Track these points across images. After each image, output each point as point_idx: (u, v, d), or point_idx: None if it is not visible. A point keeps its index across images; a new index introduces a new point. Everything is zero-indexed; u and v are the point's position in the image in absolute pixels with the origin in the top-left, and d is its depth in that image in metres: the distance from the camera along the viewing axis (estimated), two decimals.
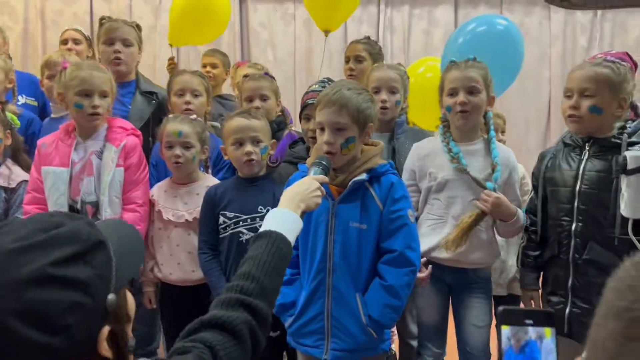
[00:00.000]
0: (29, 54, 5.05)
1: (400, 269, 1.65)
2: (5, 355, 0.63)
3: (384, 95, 2.23)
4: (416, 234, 1.71)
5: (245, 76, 2.51)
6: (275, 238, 1.07)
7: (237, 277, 1.00)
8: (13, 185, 2.22)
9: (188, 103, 2.38)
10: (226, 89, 3.84)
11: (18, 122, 2.34)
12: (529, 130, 5.52)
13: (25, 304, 0.64)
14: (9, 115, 2.28)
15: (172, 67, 3.43)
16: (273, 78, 2.51)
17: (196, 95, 2.42)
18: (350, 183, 1.66)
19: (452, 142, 2.01)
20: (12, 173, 2.23)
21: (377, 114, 1.72)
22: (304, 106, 2.09)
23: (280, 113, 2.48)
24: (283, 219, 1.16)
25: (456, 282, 2.05)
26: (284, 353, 2.13)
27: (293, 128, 2.48)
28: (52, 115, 2.63)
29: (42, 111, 2.83)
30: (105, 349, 0.71)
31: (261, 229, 1.13)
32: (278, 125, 2.42)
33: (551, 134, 5.51)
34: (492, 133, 2.01)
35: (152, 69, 4.95)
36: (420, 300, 2.10)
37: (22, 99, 2.80)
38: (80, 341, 0.68)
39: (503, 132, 2.67)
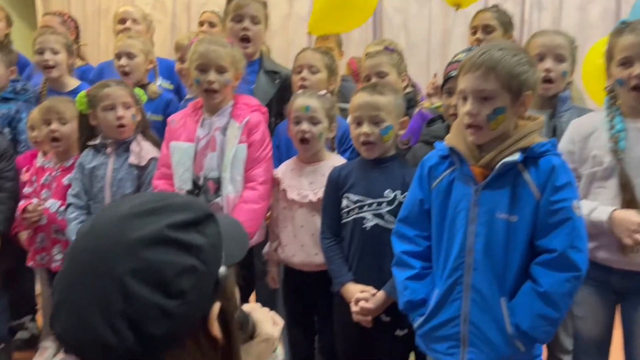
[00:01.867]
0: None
1: (560, 273, 1.34)
2: (134, 317, 0.62)
3: (548, 64, 1.87)
4: (583, 230, 1.37)
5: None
6: None
7: None
8: (143, 162, 2.22)
9: (303, 79, 2.27)
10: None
11: (145, 97, 2.36)
12: None
13: (142, 263, 0.64)
14: (136, 90, 2.29)
15: None
16: (393, 51, 2.29)
17: (314, 72, 2.29)
18: (498, 165, 1.38)
19: (619, 117, 1.62)
20: (142, 150, 2.24)
21: (537, 80, 1.40)
22: (447, 79, 1.82)
23: (411, 88, 2.23)
24: None
25: (627, 289, 1.67)
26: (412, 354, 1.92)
27: (427, 104, 2.22)
28: (187, 96, 2.66)
29: (177, 94, 2.89)
30: (216, 328, 0.69)
31: None
32: (408, 103, 2.18)
33: None
34: None
35: (286, 56, 4.94)
36: (580, 309, 1.74)
37: (159, 82, 2.88)
38: (195, 310, 0.67)
39: None
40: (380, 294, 1.73)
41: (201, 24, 3.43)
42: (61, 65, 2.67)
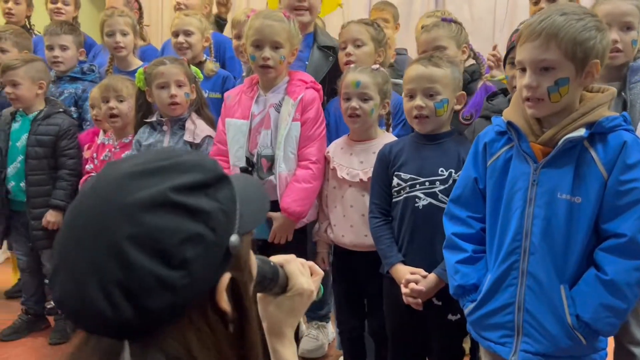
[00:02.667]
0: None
1: (629, 261, 1.22)
2: (131, 287, 0.57)
3: (614, 34, 1.70)
4: None
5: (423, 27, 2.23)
6: None
7: None
8: (198, 140, 2.23)
9: (348, 55, 2.18)
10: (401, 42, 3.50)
11: (201, 76, 2.37)
12: None
13: (141, 228, 0.58)
14: (192, 68, 2.30)
15: None
16: (452, 22, 2.13)
17: (358, 46, 2.19)
18: (561, 141, 1.26)
19: None
20: (196, 128, 2.25)
21: (607, 47, 1.26)
22: (510, 48, 1.69)
23: (473, 61, 2.09)
24: None
25: None
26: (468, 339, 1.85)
27: (494, 76, 2.07)
28: (243, 74, 2.64)
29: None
30: (224, 300, 0.63)
31: None
32: (471, 76, 2.04)
33: None
34: None
35: None
36: None
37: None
38: (201, 282, 0.61)
39: None
40: (432, 277, 1.65)
41: None
42: (129, 46, 2.76)
